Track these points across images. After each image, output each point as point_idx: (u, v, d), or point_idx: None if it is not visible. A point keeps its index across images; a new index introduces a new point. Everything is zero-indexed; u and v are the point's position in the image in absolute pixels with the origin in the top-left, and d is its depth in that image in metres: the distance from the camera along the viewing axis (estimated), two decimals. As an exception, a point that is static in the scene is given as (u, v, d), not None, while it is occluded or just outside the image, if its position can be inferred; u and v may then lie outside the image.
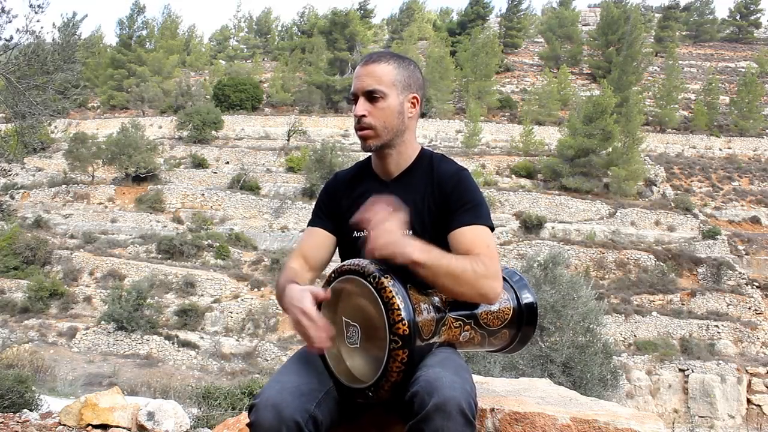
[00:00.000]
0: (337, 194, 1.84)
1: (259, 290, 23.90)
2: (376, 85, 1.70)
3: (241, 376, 17.64)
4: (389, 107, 1.71)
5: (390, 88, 1.71)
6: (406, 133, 1.76)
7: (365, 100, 1.71)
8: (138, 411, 4.61)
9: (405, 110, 1.74)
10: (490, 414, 1.72)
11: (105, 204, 29.95)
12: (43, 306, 23.20)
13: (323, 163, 28.45)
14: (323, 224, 1.83)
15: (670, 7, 53.74)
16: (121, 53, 42.69)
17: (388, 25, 60.20)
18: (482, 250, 1.62)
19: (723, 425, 19.87)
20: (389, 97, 1.70)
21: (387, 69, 1.71)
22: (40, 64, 6.85)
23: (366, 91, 1.71)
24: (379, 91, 1.70)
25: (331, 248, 1.84)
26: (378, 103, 1.70)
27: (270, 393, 1.48)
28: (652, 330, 22.67)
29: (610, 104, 29.67)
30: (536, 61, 49.21)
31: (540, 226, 27.34)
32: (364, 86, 1.71)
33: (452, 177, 1.73)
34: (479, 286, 1.57)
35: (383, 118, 1.71)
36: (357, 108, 1.71)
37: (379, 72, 1.71)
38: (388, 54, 1.76)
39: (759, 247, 27.65)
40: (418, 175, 1.77)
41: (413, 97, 1.75)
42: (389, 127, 1.72)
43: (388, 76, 1.71)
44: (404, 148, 1.78)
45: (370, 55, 1.76)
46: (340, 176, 1.90)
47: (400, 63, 1.74)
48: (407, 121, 1.75)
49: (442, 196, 1.71)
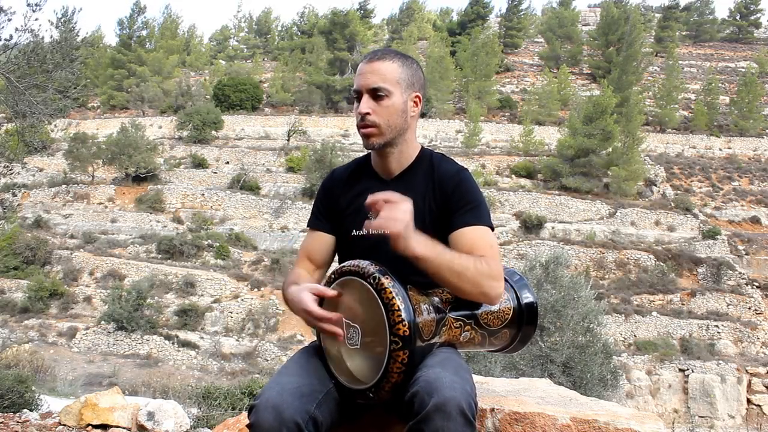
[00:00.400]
0: (335, 192, 1.83)
1: (259, 290, 23.90)
2: (380, 82, 1.68)
3: (241, 376, 17.64)
4: (393, 105, 1.69)
5: (394, 86, 1.69)
6: (408, 132, 1.75)
7: (369, 97, 1.69)
8: (138, 411, 4.61)
9: (408, 109, 1.73)
10: (490, 414, 1.72)
11: (105, 204, 29.95)
12: (43, 306, 23.20)
13: (323, 163, 28.45)
14: (322, 225, 1.83)
15: (670, 7, 53.75)
16: (121, 53, 42.68)
17: (388, 25, 60.19)
18: (485, 250, 1.62)
19: (723, 425, 19.87)
20: (394, 96, 1.69)
21: (392, 67, 1.70)
22: (40, 63, 6.85)
23: (371, 89, 1.69)
24: (383, 88, 1.68)
25: (333, 247, 1.83)
26: (382, 101, 1.69)
27: (270, 394, 1.48)
28: (652, 330, 22.67)
29: (610, 104, 29.67)
30: (536, 61, 49.21)
31: (540, 226, 27.35)
32: (368, 84, 1.69)
33: (453, 177, 1.72)
34: (482, 285, 1.57)
35: (387, 116, 1.69)
36: (361, 106, 1.70)
37: (384, 70, 1.69)
38: (392, 52, 1.74)
39: (759, 247, 27.65)
40: (419, 174, 1.76)
41: (416, 96, 1.74)
42: (393, 126, 1.71)
43: (393, 74, 1.69)
44: (405, 147, 1.77)
45: (374, 53, 1.74)
46: (338, 173, 1.88)
47: (404, 61, 1.73)
48: (410, 120, 1.74)
49: (443, 196, 1.70)
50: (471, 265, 1.56)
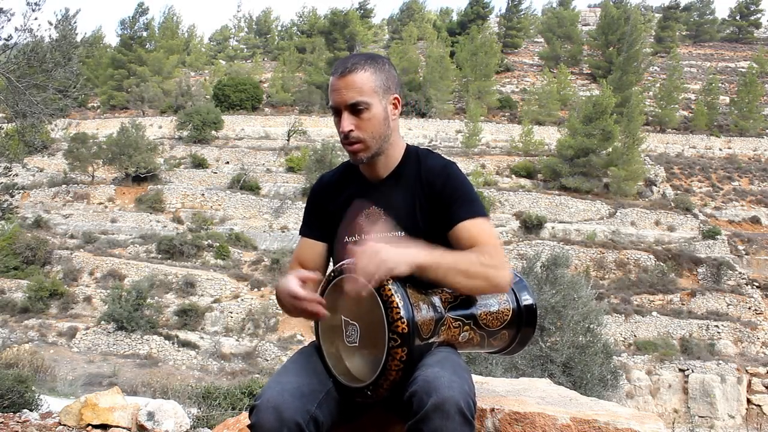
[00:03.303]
0: (324, 199, 1.82)
1: (259, 290, 23.90)
2: (358, 96, 1.62)
3: (241, 376, 17.64)
4: (375, 117, 1.64)
5: (372, 96, 1.63)
6: (392, 135, 1.72)
7: (349, 113, 1.63)
8: (138, 411, 4.61)
9: (389, 114, 1.68)
10: (490, 414, 1.72)
11: (105, 204, 29.95)
12: (43, 306, 23.19)
13: (323, 163, 28.44)
14: (312, 233, 1.81)
15: (670, 7, 53.79)
16: (121, 53, 42.67)
17: (388, 25, 60.24)
18: (487, 241, 1.62)
19: (723, 425, 19.87)
20: (373, 106, 1.63)
21: (365, 76, 1.62)
22: (39, 63, 6.85)
23: (349, 105, 1.63)
24: (362, 102, 1.62)
25: (325, 253, 1.82)
26: (363, 114, 1.63)
27: (271, 394, 1.48)
28: (652, 330, 22.67)
29: (610, 104, 29.68)
30: (536, 61, 49.22)
31: (540, 226, 27.35)
32: (346, 100, 1.62)
33: (441, 173, 1.69)
34: (491, 277, 1.57)
35: (371, 129, 1.64)
36: (343, 124, 1.64)
37: (359, 82, 1.62)
38: (361, 59, 1.65)
39: (759, 247, 27.66)
40: (406, 173, 1.74)
41: (395, 99, 1.69)
42: (377, 136, 1.66)
43: (368, 84, 1.62)
44: (392, 151, 1.74)
45: (343, 64, 1.65)
46: (326, 178, 1.86)
47: (375, 66, 1.65)
48: (392, 124, 1.70)
49: (433, 192, 1.68)
50: (475, 259, 1.56)
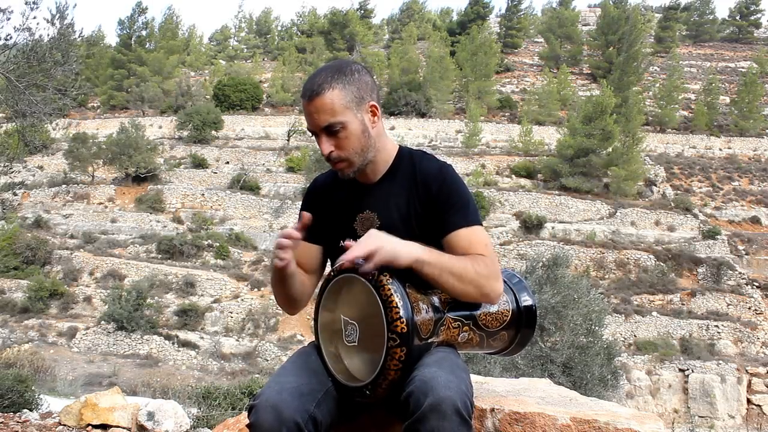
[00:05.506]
0: (318, 201, 1.80)
1: (259, 290, 23.90)
2: (331, 118, 1.59)
3: (241, 376, 17.63)
4: (353, 133, 1.61)
5: (345, 113, 1.60)
6: (377, 140, 1.69)
7: (326, 136, 1.62)
8: (138, 411, 4.61)
9: (368, 124, 1.65)
10: (490, 414, 1.72)
11: (105, 204, 29.95)
12: (43, 306, 23.19)
13: (323, 163, 28.30)
14: (307, 236, 1.78)
15: (670, 7, 53.80)
16: (121, 53, 42.66)
17: (388, 25, 60.24)
18: (481, 250, 1.61)
19: (723, 425, 19.88)
20: (349, 124, 1.60)
21: (334, 95, 1.58)
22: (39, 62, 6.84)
23: (323, 128, 1.61)
24: (336, 123, 1.59)
25: (321, 255, 1.82)
26: (340, 134, 1.60)
27: (270, 394, 1.48)
28: (652, 330, 22.67)
29: (610, 104, 29.68)
30: (536, 61, 49.23)
31: (540, 226, 27.35)
32: (320, 123, 1.60)
33: (437, 176, 1.67)
34: (482, 286, 1.57)
35: (351, 146, 1.62)
36: (323, 147, 1.63)
37: (329, 103, 1.58)
38: (327, 76, 1.60)
39: (759, 247, 27.67)
40: (400, 176, 1.72)
41: (371, 107, 1.65)
42: (359, 150, 1.64)
43: (339, 102, 1.59)
44: (380, 156, 1.71)
45: (310, 88, 1.60)
46: (320, 181, 1.85)
47: (343, 79, 1.61)
48: (374, 132, 1.67)
49: (428, 196, 1.66)
50: (470, 266, 1.56)
